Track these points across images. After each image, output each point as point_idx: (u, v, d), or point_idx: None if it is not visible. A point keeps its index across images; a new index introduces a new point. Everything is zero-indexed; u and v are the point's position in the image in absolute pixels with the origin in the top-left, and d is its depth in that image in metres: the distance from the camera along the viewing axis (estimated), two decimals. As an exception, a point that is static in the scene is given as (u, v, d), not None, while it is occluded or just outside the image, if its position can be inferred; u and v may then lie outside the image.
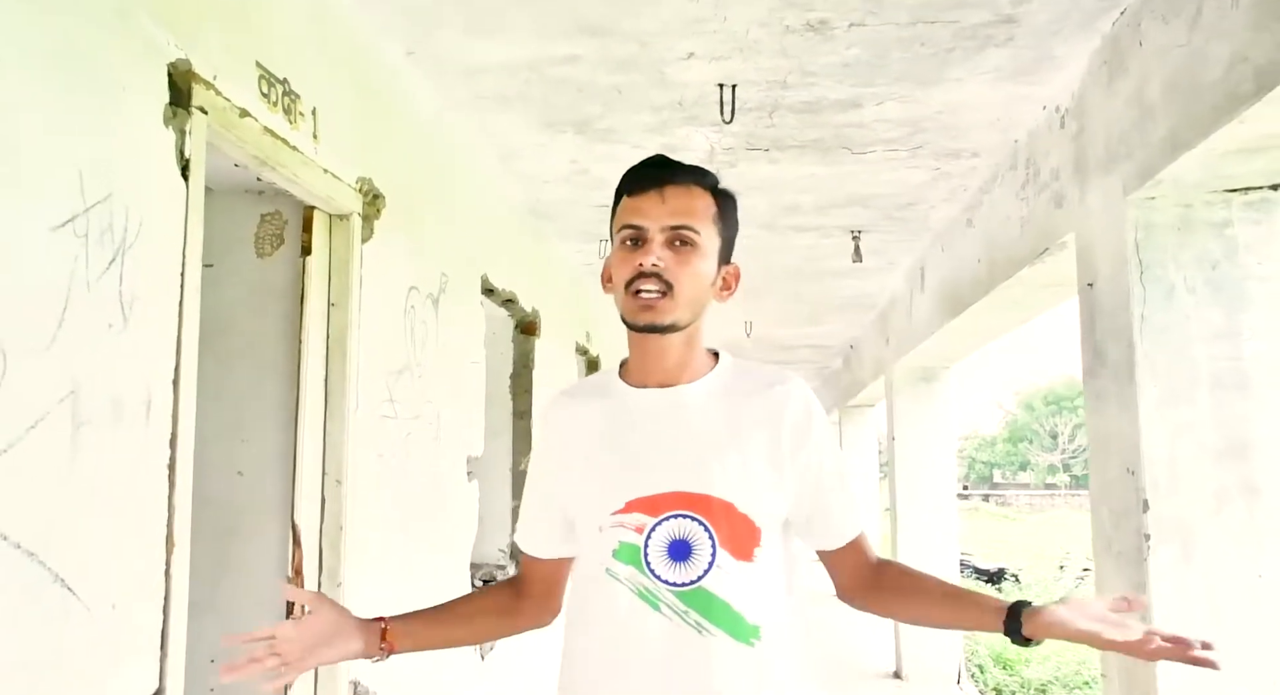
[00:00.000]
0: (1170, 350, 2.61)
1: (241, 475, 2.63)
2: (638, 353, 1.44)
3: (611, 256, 1.43)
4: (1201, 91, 2.24)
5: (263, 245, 2.83)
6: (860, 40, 2.81)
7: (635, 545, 1.35)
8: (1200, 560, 2.53)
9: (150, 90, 1.80)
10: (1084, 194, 3.01)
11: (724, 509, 1.35)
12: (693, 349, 1.43)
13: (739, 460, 1.36)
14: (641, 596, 1.35)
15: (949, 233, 4.85)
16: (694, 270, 1.37)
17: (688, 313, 1.38)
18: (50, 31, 1.55)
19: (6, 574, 1.43)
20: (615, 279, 1.41)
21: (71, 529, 1.57)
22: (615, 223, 1.43)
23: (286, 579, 2.45)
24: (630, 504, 1.36)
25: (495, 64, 2.99)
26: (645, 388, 1.43)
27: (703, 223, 1.39)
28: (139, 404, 1.75)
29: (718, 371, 1.45)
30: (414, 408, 3.05)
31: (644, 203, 1.38)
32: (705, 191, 1.41)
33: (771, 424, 1.39)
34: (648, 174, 1.40)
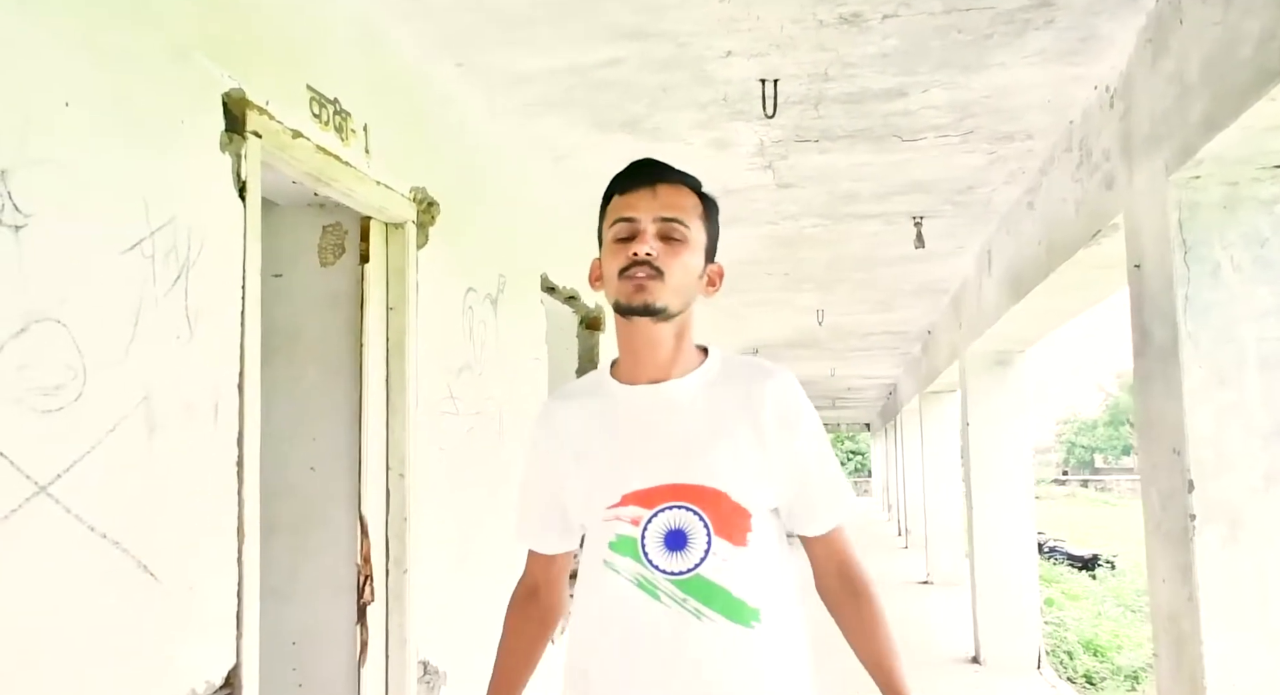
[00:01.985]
0: (1215, 330, 2.58)
1: (314, 470, 2.81)
2: (628, 348, 1.50)
3: (602, 253, 1.50)
4: (1235, 69, 2.21)
5: (325, 255, 3.00)
6: (896, 31, 2.83)
7: (632, 537, 1.42)
8: (1248, 541, 2.51)
9: (207, 120, 1.96)
10: (1132, 175, 2.97)
11: (716, 498, 1.41)
12: (682, 343, 1.50)
13: (729, 451, 1.43)
14: (641, 586, 1.41)
15: (1012, 215, 4.80)
16: (684, 261, 1.44)
17: (677, 299, 1.45)
18: (114, 75, 1.71)
19: (94, 560, 1.61)
20: (607, 271, 1.48)
21: (151, 520, 1.75)
22: (606, 220, 1.50)
23: (356, 566, 2.62)
24: (626, 497, 1.43)
25: (539, 71, 3.10)
26: (636, 384, 1.49)
27: (691, 218, 1.47)
28: (207, 407, 1.91)
29: (706, 366, 1.51)
30: (475, 404, 3.20)
31: (636, 198, 1.46)
32: (692, 192, 1.50)
33: (757, 414, 1.45)
34: (639, 173, 1.48)
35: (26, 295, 1.50)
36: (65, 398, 1.56)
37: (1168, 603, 2.73)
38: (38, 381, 1.51)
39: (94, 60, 1.67)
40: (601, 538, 1.47)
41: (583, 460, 1.50)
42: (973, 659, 6.74)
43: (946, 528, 11.07)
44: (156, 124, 1.81)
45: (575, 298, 4.47)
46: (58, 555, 1.54)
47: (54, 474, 1.54)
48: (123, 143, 1.73)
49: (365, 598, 2.59)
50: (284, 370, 2.85)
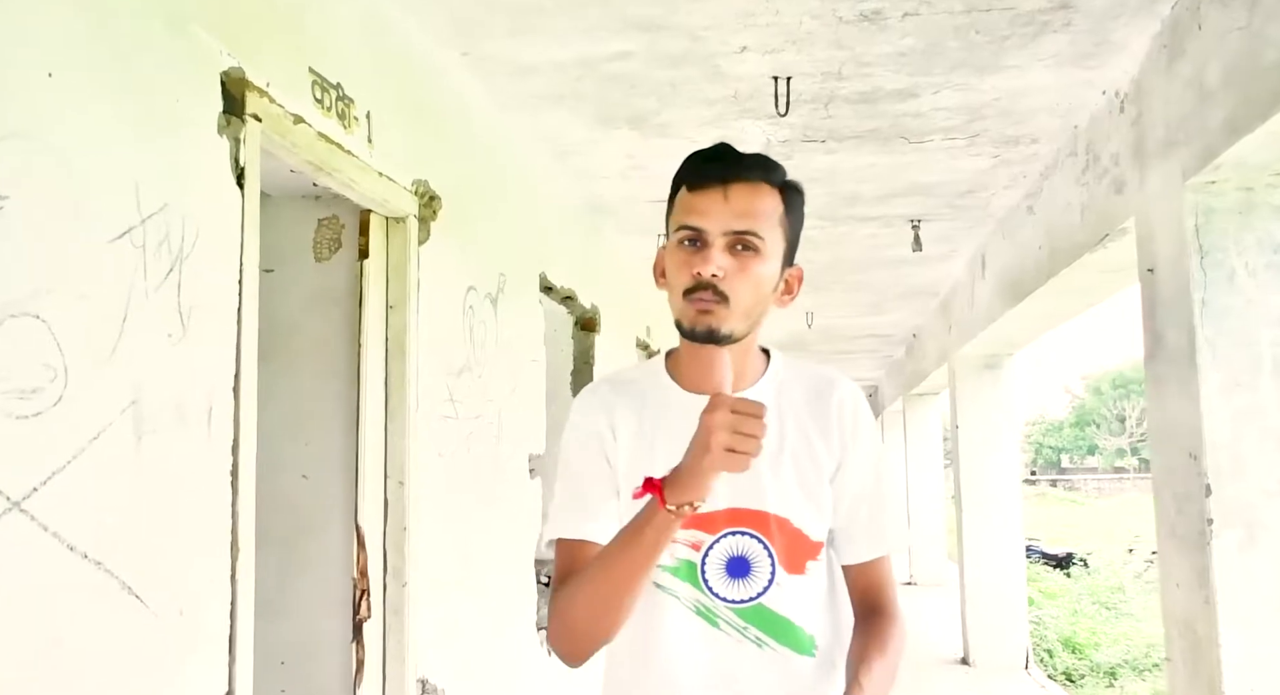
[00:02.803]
0: (1232, 335, 2.56)
1: (306, 478, 2.69)
2: (691, 358, 1.37)
3: (667, 252, 1.33)
4: (1261, 74, 2.17)
5: (321, 250, 2.88)
6: (915, 30, 2.76)
7: (692, 563, 1.33)
8: (1265, 545, 2.50)
9: (204, 99, 1.84)
10: (1144, 179, 2.93)
11: (780, 525, 1.33)
12: (746, 356, 1.37)
13: (792, 475, 1.34)
14: (700, 613, 1.33)
15: (1010, 220, 4.75)
16: (754, 279, 1.28)
17: (744, 323, 1.30)
18: (104, 44, 1.58)
19: (76, 584, 1.47)
20: (671, 280, 1.32)
21: (137, 537, 1.61)
22: (673, 217, 1.33)
23: (352, 580, 2.51)
24: (686, 521, 1.29)
25: (546, 63, 3.00)
26: (699, 393, 1.34)
27: (768, 226, 1.29)
28: (200, 412, 1.79)
29: (769, 376, 1.40)
30: (475, 407, 3.09)
31: (705, 201, 1.27)
32: (773, 189, 1.31)
33: (823, 433, 1.36)
34: (711, 169, 1.29)
35: (1, 286, 1.35)
36: (44, 402, 1.42)
37: (1183, 607, 2.70)
38: (13, 384, 1.37)
39: (81, 26, 1.53)
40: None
41: (638, 467, 1.35)
42: (962, 660, 6.73)
43: (929, 529, 11.09)
44: (150, 101, 1.68)
45: (572, 298, 4.38)
46: (33, 578, 1.39)
47: (29, 488, 1.40)
48: (112, 119, 1.59)
49: (361, 614, 2.48)
50: (274, 371, 2.72)
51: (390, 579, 2.56)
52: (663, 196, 4.48)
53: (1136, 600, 11.48)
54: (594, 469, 1.37)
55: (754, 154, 1.34)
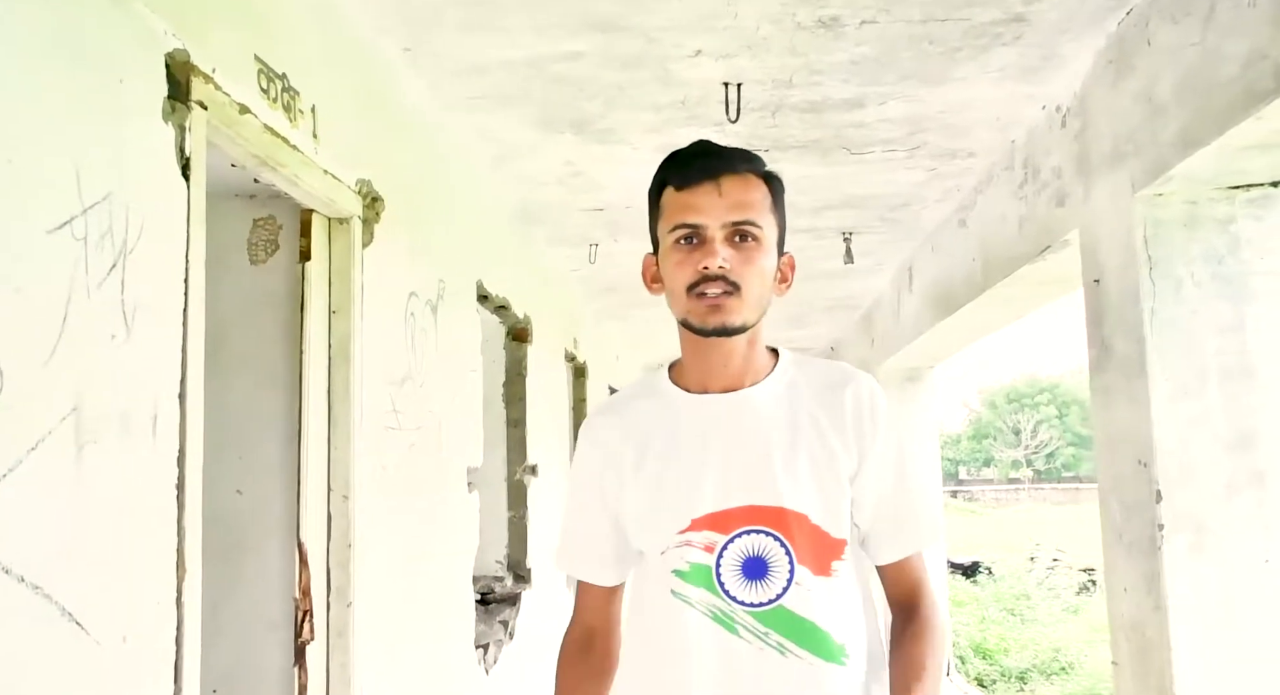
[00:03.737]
0: (1180, 344, 2.62)
1: (240, 493, 2.53)
2: (698, 357, 1.34)
3: (663, 254, 1.33)
4: (1216, 89, 2.22)
5: (256, 251, 2.73)
6: (871, 38, 2.76)
7: (706, 565, 1.27)
8: (1212, 549, 2.55)
9: (148, 82, 1.69)
10: (1088, 192, 2.99)
11: (799, 521, 1.27)
12: (755, 349, 1.35)
13: (809, 469, 1.29)
14: (716, 619, 1.27)
15: (940, 233, 4.83)
16: (759, 268, 1.28)
17: (755, 312, 1.30)
18: (40, 9, 1.43)
19: (10, 609, 1.32)
20: (671, 282, 1.31)
21: (77, 558, 1.46)
22: (664, 219, 1.32)
23: (294, 600, 2.35)
24: (697, 521, 1.28)
25: (495, 61, 2.91)
26: (706, 393, 1.34)
27: (763, 215, 1.30)
28: (145, 420, 1.65)
29: (780, 371, 1.36)
30: (416, 418, 2.96)
31: (699, 197, 1.27)
32: (760, 179, 1.32)
33: (838, 427, 1.31)
34: (699, 164, 1.29)
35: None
36: (-26, 410, 1.27)
37: (1131, 611, 2.74)
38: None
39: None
40: (666, 565, 1.31)
41: (644, 479, 1.34)
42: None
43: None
44: (92, 79, 1.54)
45: (506, 307, 4.26)
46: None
47: (-39, 504, 1.24)
48: (51, 96, 1.44)
49: (304, 636, 2.32)
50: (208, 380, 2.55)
51: (334, 599, 2.42)
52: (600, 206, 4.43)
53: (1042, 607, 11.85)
54: (594, 509, 1.39)
55: (734, 147, 1.34)
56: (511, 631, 4.13)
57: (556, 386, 5.72)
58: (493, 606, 4.21)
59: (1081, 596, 12.95)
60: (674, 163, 1.33)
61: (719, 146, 1.32)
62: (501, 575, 4.46)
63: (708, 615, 1.27)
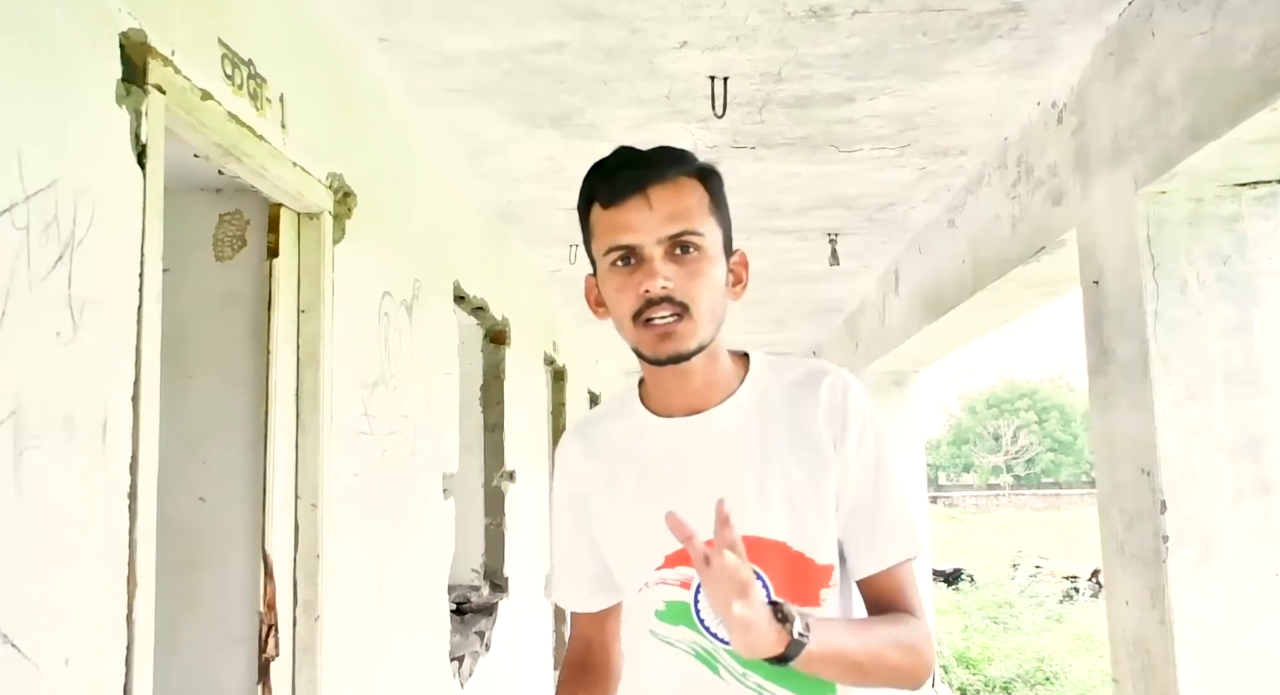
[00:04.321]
0: (1185, 347, 2.52)
1: (203, 501, 2.40)
2: (657, 382, 1.25)
3: (601, 279, 1.22)
4: (1228, 78, 2.13)
5: (222, 248, 2.61)
6: (862, 29, 2.67)
7: (684, 603, 1.18)
8: (1219, 560, 2.45)
9: (101, 63, 1.58)
10: (1086, 190, 2.90)
11: (774, 551, 1.17)
12: (717, 362, 1.24)
13: (782, 490, 1.18)
14: (701, 658, 1.18)
15: (928, 234, 4.75)
16: (707, 280, 1.17)
17: (710, 329, 1.18)
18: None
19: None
20: (615, 310, 1.20)
21: (16, 574, 1.34)
22: (595, 241, 1.21)
23: (258, 614, 2.22)
24: (671, 558, 1.19)
25: (473, 52, 2.79)
26: (671, 417, 1.24)
27: (703, 221, 1.18)
28: (93, 424, 1.53)
29: (749, 382, 1.25)
30: (390, 423, 2.84)
31: (629, 214, 1.16)
32: (693, 180, 1.21)
33: (812, 433, 1.20)
34: (625, 178, 1.18)
35: None
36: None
37: (1133, 627, 2.65)
38: None
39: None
40: (647, 605, 1.21)
41: (620, 512, 1.25)
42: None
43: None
44: (37, 56, 1.42)
45: (484, 308, 4.14)
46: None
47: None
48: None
49: (268, 652, 2.20)
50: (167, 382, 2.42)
51: (301, 612, 2.29)
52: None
53: (1025, 615, 11.80)
54: (571, 534, 1.32)
55: (658, 149, 1.23)
56: (488, 643, 4.00)
57: (535, 390, 5.60)
58: (469, 617, 4.09)
59: (1064, 605, 12.92)
60: (597, 176, 1.22)
61: (642, 153, 1.22)
62: (478, 584, 4.34)
63: (691, 654, 1.18)
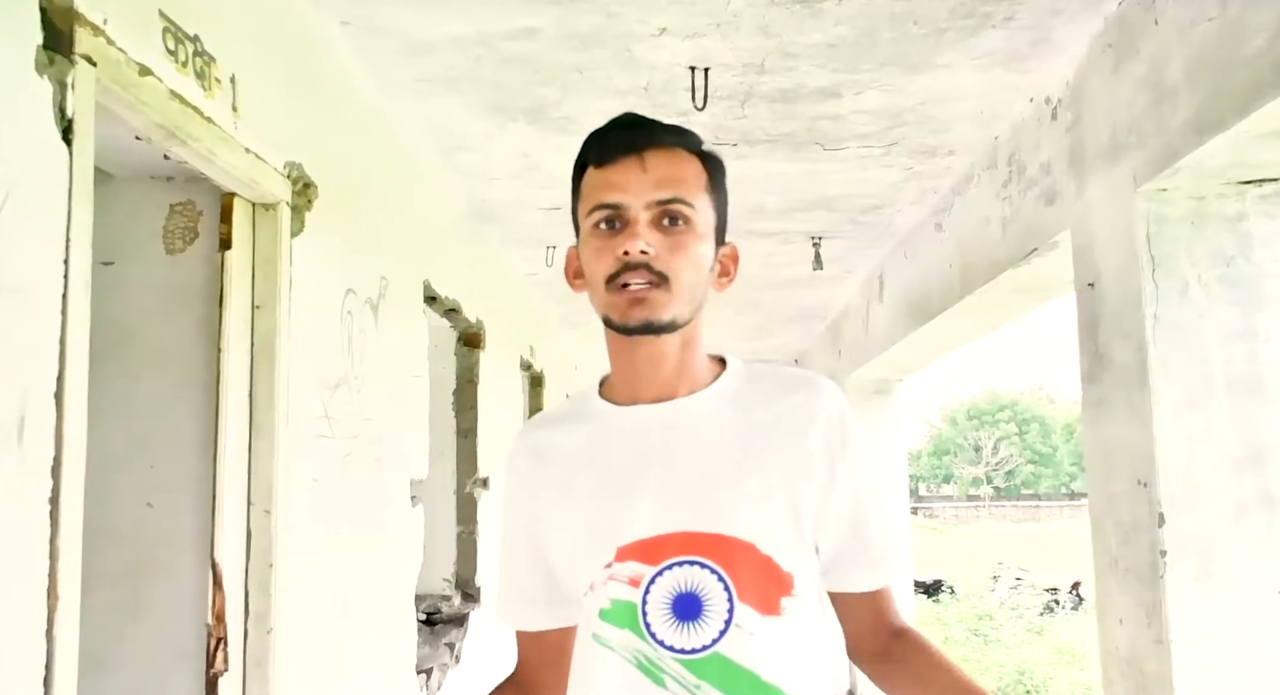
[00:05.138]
0: (1185, 352, 2.41)
1: (151, 507, 2.25)
2: (624, 363, 1.15)
3: (582, 242, 1.15)
4: (1238, 66, 2.03)
5: (173, 240, 2.46)
6: (850, 16, 2.56)
7: (631, 603, 1.06)
8: (1220, 576, 2.34)
9: (16, 26, 1.43)
10: (1082, 188, 2.80)
11: (743, 551, 1.06)
12: (692, 352, 1.14)
13: (758, 488, 1.08)
14: (641, 668, 1.06)
15: (914, 238, 4.65)
16: (691, 254, 1.10)
17: (687, 307, 1.10)
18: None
19: None
20: (590, 273, 1.12)
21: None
22: (582, 202, 1.15)
23: (206, 627, 2.07)
24: (623, 550, 1.08)
25: (442, 38, 2.66)
26: (635, 405, 1.14)
27: (695, 194, 1.12)
28: (9, 424, 1.38)
29: (725, 380, 1.16)
30: (352, 426, 2.70)
31: (619, 173, 1.10)
32: (693, 155, 1.15)
33: (797, 440, 1.11)
34: (620, 137, 1.12)
35: None
36: None
37: (1127, 645, 2.53)
38: None
39: None
40: (592, 605, 1.10)
41: (568, 505, 1.14)
42: (849, 692, 6.57)
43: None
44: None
45: (457, 310, 4.00)
46: None
47: None
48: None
49: (217, 666, 2.05)
50: (112, 381, 2.29)
51: (252, 624, 2.14)
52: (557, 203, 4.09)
53: (1005, 627, 11.74)
54: (522, 548, 1.21)
55: (665, 122, 1.16)
56: (458, 655, 3.85)
57: (511, 395, 5.46)
58: (438, 627, 3.94)
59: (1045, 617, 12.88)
60: (595, 136, 1.15)
61: (645, 118, 1.15)
62: (449, 594, 4.19)
63: (631, 662, 1.06)
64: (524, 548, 1.20)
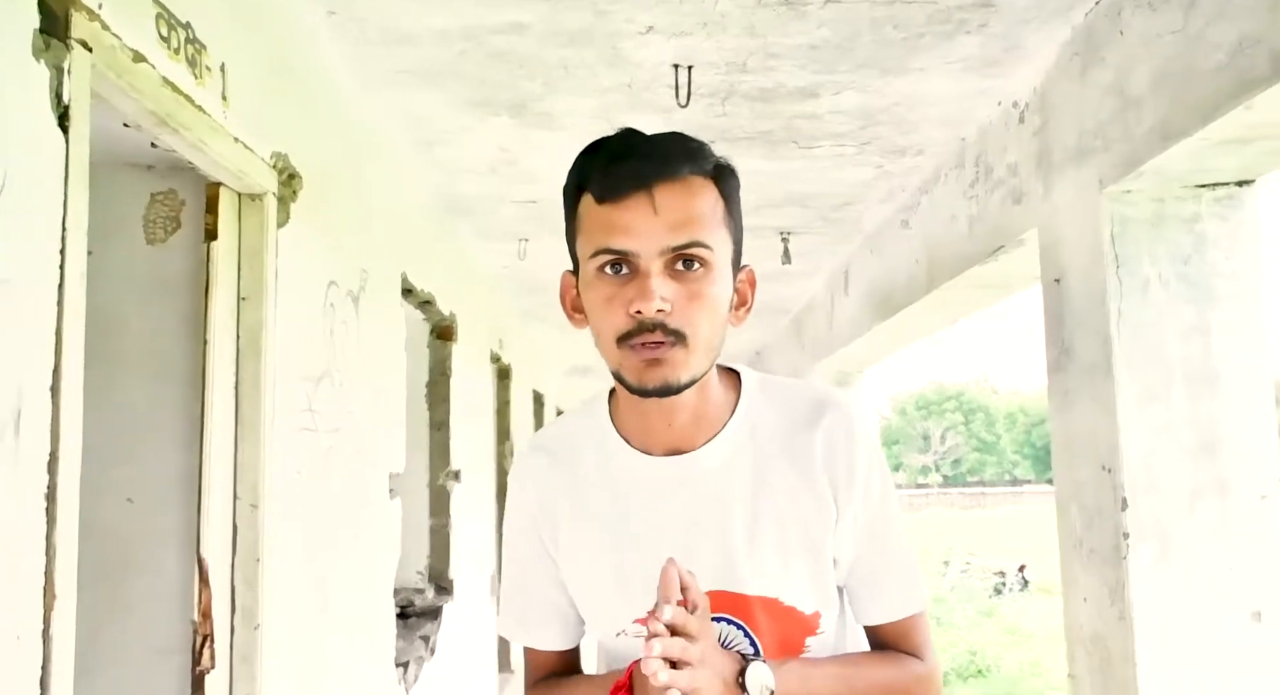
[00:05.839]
0: (1146, 346, 2.52)
1: (131, 502, 2.23)
2: (636, 415, 1.11)
3: (584, 284, 1.05)
4: (1201, 78, 2.11)
5: (154, 229, 2.43)
6: (833, 19, 2.60)
7: None
8: (1177, 558, 2.46)
9: (14, 10, 1.42)
10: (1049, 189, 2.88)
11: (766, 607, 1.09)
12: (707, 392, 1.09)
13: (775, 542, 1.09)
14: None
15: (881, 235, 4.73)
16: (710, 304, 1.01)
17: (706, 361, 1.03)
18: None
19: None
20: (597, 324, 1.04)
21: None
22: (583, 237, 1.04)
23: (192, 623, 2.07)
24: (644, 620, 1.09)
25: (428, 31, 2.66)
26: (650, 454, 1.11)
27: (713, 231, 1.02)
28: (4, 418, 1.37)
29: (740, 414, 1.12)
30: (335, 419, 2.69)
31: (627, 214, 0.99)
32: (706, 181, 1.05)
33: (809, 479, 1.10)
34: (626, 170, 1.00)
35: None
36: None
37: (1091, 622, 2.64)
38: None
39: None
40: (623, 650, 1.13)
41: (595, 558, 1.14)
42: None
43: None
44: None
45: (431, 303, 4.00)
46: None
47: None
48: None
49: (203, 664, 2.05)
50: (93, 373, 2.26)
51: (239, 621, 2.14)
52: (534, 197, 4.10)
53: (957, 610, 11.98)
54: (533, 562, 1.19)
55: (668, 136, 1.06)
56: (433, 647, 3.86)
57: (482, 389, 5.46)
58: (412, 621, 3.94)
59: (994, 599, 13.17)
60: (593, 161, 1.05)
61: (651, 140, 1.04)
62: (422, 587, 4.19)
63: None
64: (536, 564, 1.18)
